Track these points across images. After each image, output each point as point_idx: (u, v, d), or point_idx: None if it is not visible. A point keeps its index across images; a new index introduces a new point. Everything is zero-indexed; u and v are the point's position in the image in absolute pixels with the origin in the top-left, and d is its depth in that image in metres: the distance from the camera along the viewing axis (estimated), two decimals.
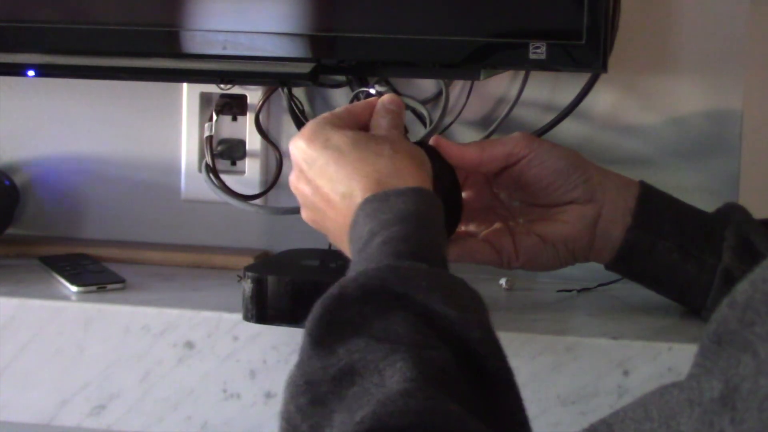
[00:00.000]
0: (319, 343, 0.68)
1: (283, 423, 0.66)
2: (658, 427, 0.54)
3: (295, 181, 0.90)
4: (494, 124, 1.13)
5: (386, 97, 0.93)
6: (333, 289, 0.71)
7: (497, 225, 0.99)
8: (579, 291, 1.05)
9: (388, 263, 0.74)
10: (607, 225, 0.96)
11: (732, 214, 0.97)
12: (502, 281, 1.08)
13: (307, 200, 0.89)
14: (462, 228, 0.99)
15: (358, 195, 0.83)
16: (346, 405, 0.64)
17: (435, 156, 0.92)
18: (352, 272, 0.75)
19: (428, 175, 0.86)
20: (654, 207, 0.97)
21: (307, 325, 0.70)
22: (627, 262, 0.97)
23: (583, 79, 1.10)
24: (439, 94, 1.12)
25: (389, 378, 0.64)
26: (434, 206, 0.82)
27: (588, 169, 0.97)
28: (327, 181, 0.86)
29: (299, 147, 0.88)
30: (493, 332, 0.72)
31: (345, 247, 0.84)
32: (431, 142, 0.96)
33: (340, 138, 0.86)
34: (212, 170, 1.15)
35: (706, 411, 0.51)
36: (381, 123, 0.90)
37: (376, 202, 0.81)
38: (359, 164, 0.84)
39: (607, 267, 0.98)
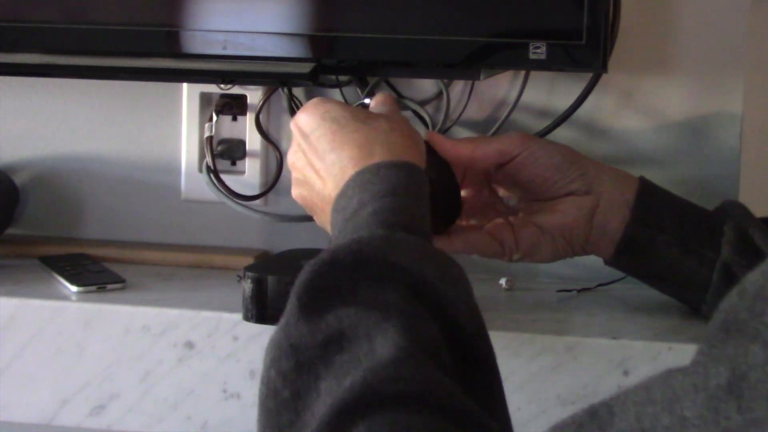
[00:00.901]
0: (307, 307, 0.67)
1: (263, 388, 0.65)
2: (660, 411, 0.54)
3: (291, 155, 0.91)
4: (495, 126, 1.12)
5: (378, 96, 0.94)
6: (324, 254, 0.70)
7: (498, 220, 0.99)
8: (579, 291, 1.05)
9: (382, 232, 0.74)
10: (603, 217, 0.96)
11: (731, 210, 0.98)
12: (502, 281, 1.08)
13: (298, 173, 0.90)
14: (464, 222, 0.99)
15: (349, 166, 0.83)
16: (333, 371, 0.64)
17: (431, 151, 0.93)
18: (341, 239, 0.75)
19: (421, 154, 0.87)
20: (653, 202, 0.97)
21: (294, 288, 0.69)
22: (627, 257, 0.97)
23: (582, 79, 1.10)
24: (439, 94, 1.12)
25: (380, 346, 0.64)
26: (423, 182, 0.82)
27: (584, 163, 0.98)
28: (320, 152, 0.86)
29: (299, 119, 0.89)
30: (478, 311, 0.72)
31: (326, 219, 0.84)
32: (425, 137, 0.96)
33: (339, 110, 0.88)
34: (212, 170, 1.15)
35: (711, 397, 0.51)
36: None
37: (367, 173, 0.81)
38: (355, 135, 0.85)
39: (607, 262, 0.99)
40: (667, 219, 0.96)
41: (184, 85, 1.17)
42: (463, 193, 0.98)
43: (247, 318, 0.94)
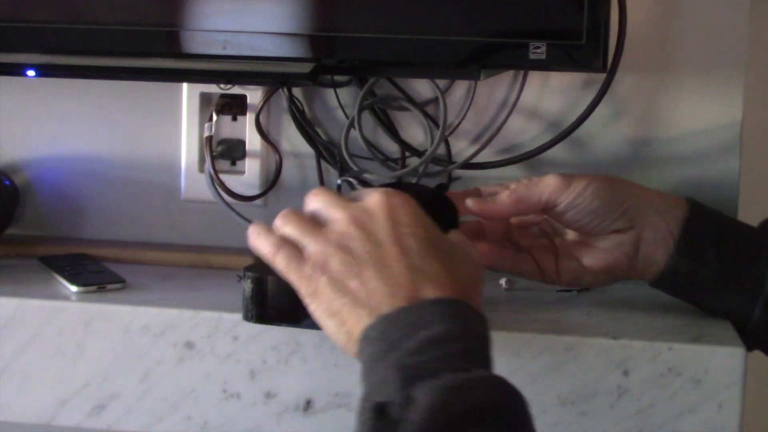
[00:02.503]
0: None
1: None
2: None
3: (351, 224, 0.83)
4: (495, 128, 1.13)
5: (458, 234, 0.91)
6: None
7: (542, 241, 1.01)
8: (579, 291, 1.05)
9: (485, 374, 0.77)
10: (648, 249, 0.96)
11: None
12: (502, 281, 1.08)
13: (354, 248, 0.82)
14: (506, 239, 1.01)
15: (429, 284, 0.80)
16: None
17: (444, 202, 0.95)
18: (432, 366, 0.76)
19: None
20: (697, 231, 0.96)
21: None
22: (668, 285, 0.98)
23: (579, 79, 1.10)
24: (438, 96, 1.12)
25: None
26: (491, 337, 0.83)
27: (625, 200, 0.97)
28: (405, 249, 0.82)
29: (395, 199, 0.84)
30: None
31: (354, 321, 0.81)
32: (469, 206, 0.97)
33: (430, 225, 0.85)
34: (212, 170, 1.15)
35: None
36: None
37: (454, 306, 0.80)
38: (439, 254, 0.83)
39: (651, 285, 0.99)
40: (709, 250, 0.95)
41: (184, 85, 1.17)
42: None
43: (247, 318, 0.94)
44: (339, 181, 1.10)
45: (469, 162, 1.12)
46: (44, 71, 1.07)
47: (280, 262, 0.85)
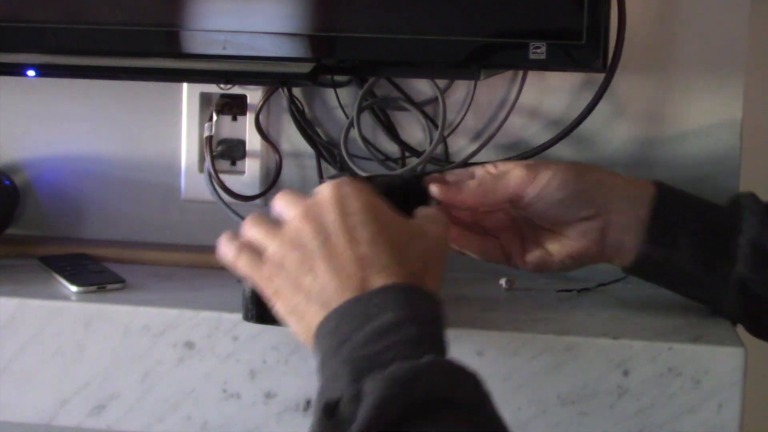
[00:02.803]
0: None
1: None
2: None
3: (301, 220, 0.84)
4: (494, 129, 1.13)
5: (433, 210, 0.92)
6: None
7: (508, 226, 1.00)
8: (579, 291, 1.05)
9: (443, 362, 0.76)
10: (616, 234, 0.96)
11: (745, 212, 0.97)
12: (502, 281, 1.08)
13: (305, 241, 0.83)
14: (471, 222, 1.00)
15: (383, 270, 0.80)
16: None
17: (415, 188, 0.95)
18: (385, 354, 0.76)
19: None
20: (668, 216, 0.96)
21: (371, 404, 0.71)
22: (642, 272, 0.98)
23: (578, 79, 1.10)
24: (438, 97, 1.12)
25: None
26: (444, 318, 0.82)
27: (591, 188, 0.96)
28: (358, 238, 0.82)
29: (341, 190, 0.84)
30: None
31: (311, 317, 0.81)
32: (433, 191, 0.96)
33: (388, 215, 0.85)
34: (212, 170, 1.15)
35: None
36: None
37: (402, 292, 0.79)
38: (396, 249, 0.82)
39: (624, 271, 0.99)
40: (681, 236, 0.96)
41: (184, 85, 1.17)
42: None
43: (247, 318, 0.94)
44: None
45: (468, 162, 1.12)
46: (44, 71, 1.07)
47: (241, 267, 0.86)
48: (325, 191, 0.85)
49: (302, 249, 0.83)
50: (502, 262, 1.00)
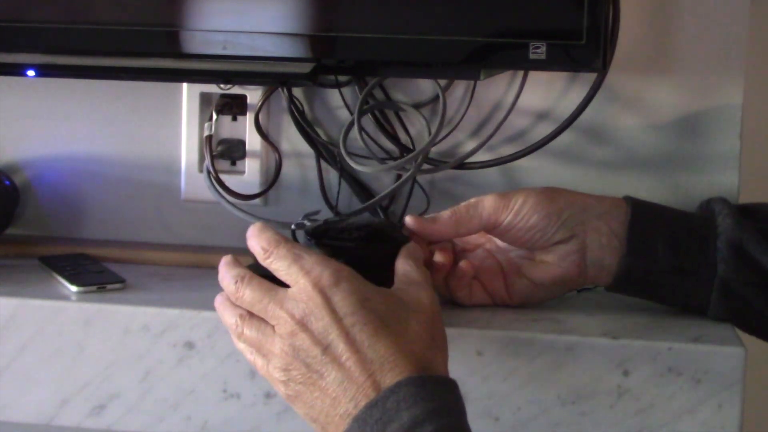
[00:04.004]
0: None
1: None
2: None
3: (303, 313, 0.83)
4: (493, 129, 1.13)
5: (409, 249, 0.92)
6: None
7: (489, 263, 1.00)
8: (579, 291, 1.05)
9: None
10: (595, 254, 0.97)
11: (719, 217, 0.97)
12: None
13: (299, 341, 0.82)
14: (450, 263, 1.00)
15: (391, 371, 0.80)
16: None
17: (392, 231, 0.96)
18: None
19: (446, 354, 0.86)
20: (644, 230, 0.97)
21: None
22: (624, 287, 0.98)
23: (578, 79, 1.10)
24: (437, 97, 1.12)
25: None
26: (460, 397, 0.82)
27: (563, 210, 0.97)
28: (357, 343, 0.81)
29: (336, 294, 0.83)
30: None
31: (333, 429, 0.81)
32: (408, 223, 0.97)
33: (380, 300, 0.84)
34: (212, 170, 1.15)
35: None
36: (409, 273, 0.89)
37: (413, 386, 0.79)
38: (395, 336, 0.82)
39: (608, 289, 0.99)
40: (660, 246, 0.96)
41: (184, 85, 1.17)
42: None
43: None
44: (293, 227, 1.09)
45: (465, 162, 1.12)
46: (44, 71, 1.07)
47: (249, 360, 0.87)
48: (304, 288, 0.83)
49: (305, 362, 0.82)
50: (488, 302, 1.00)
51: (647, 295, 0.99)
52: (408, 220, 0.98)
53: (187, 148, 1.18)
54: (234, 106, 1.17)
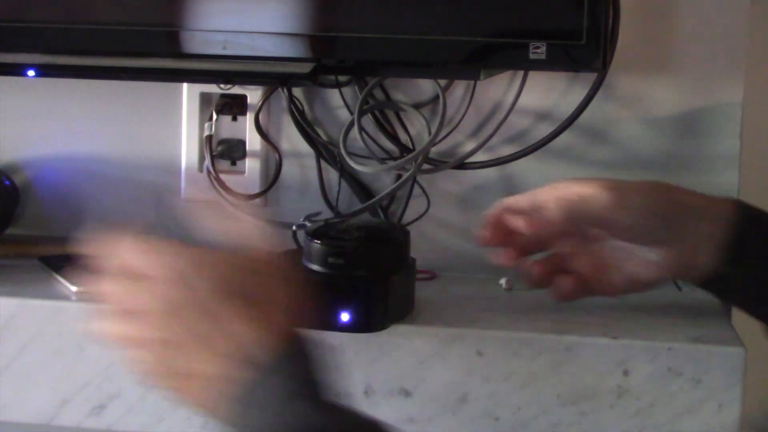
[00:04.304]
0: None
1: None
2: None
3: (168, 294, 0.82)
4: (493, 129, 1.13)
5: None
6: None
7: (586, 257, 0.99)
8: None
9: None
10: (693, 256, 0.94)
11: None
12: (502, 281, 1.08)
13: (176, 327, 0.79)
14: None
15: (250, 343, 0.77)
16: None
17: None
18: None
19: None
20: (745, 237, 0.94)
21: None
22: (715, 290, 0.97)
23: (578, 79, 1.10)
24: (437, 97, 1.12)
25: None
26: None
27: (669, 209, 0.95)
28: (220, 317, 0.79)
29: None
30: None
31: (202, 393, 0.79)
32: (520, 225, 0.97)
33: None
34: (212, 170, 1.15)
35: None
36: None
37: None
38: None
39: (698, 287, 0.98)
40: (757, 257, 0.94)
41: (184, 85, 1.17)
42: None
43: None
44: (294, 228, 1.08)
45: (465, 161, 1.12)
46: (44, 71, 1.07)
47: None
48: (153, 295, 0.83)
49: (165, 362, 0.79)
50: (583, 295, 0.98)
51: (737, 304, 0.98)
52: (519, 222, 0.96)
53: (187, 148, 1.18)
54: (234, 106, 1.17)
